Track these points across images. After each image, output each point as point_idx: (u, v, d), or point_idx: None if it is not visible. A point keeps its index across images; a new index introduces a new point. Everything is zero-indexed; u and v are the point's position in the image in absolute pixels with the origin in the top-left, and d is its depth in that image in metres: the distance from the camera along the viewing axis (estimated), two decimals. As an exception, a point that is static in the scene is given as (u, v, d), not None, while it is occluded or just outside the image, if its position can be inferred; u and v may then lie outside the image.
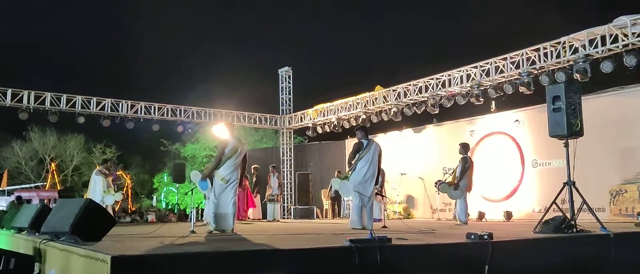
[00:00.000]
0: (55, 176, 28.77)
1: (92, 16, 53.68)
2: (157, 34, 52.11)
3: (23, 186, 28.10)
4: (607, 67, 11.08)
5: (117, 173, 14.39)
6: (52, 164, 29.76)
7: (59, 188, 25.28)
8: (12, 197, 19.40)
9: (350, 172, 8.65)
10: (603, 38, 11.18)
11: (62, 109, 15.87)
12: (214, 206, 7.66)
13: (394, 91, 15.85)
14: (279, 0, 54.34)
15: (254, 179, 15.72)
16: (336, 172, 15.50)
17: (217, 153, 8.02)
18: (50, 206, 7.75)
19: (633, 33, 10.66)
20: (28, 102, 15.46)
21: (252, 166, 15.34)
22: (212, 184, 7.69)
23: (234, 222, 7.71)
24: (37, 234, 6.25)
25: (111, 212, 12.94)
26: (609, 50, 11.18)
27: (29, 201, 18.81)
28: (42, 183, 29.43)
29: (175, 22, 54.90)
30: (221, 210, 7.62)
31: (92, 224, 5.16)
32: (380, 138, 16.61)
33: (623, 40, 10.84)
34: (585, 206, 6.73)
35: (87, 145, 35.81)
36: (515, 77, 12.88)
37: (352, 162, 8.63)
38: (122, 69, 49.03)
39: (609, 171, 11.71)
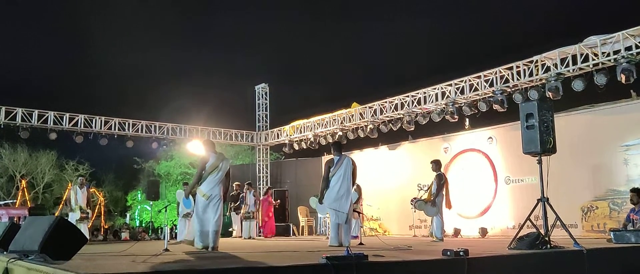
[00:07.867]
0: (26, 193, 28.05)
1: (61, 32, 53.03)
2: (130, 49, 51.68)
3: (-8, 203, 27.38)
4: (578, 85, 11.30)
5: (90, 190, 14.11)
6: (23, 181, 29.01)
7: (29, 205, 24.65)
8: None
9: (325, 191, 8.63)
10: (574, 57, 11.42)
11: (34, 125, 15.58)
12: (199, 223, 7.58)
13: (370, 107, 15.93)
14: (255, 17, 54.48)
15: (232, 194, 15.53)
16: None
17: (197, 170, 7.93)
18: (20, 224, 7.56)
19: (603, 52, 10.91)
20: (-2, 118, 15.15)
21: (234, 184, 15.22)
22: (195, 201, 7.56)
23: (218, 239, 7.62)
24: (5, 253, 6.08)
25: (85, 229, 12.68)
26: (580, 69, 11.41)
27: (-3, 219, 18.30)
28: (12, 201, 28.72)
29: (148, 37, 54.53)
30: (204, 227, 7.54)
31: (62, 243, 5.03)
32: (356, 155, 16.63)
33: (593, 60, 11.09)
34: (558, 222, 6.81)
35: (59, 162, 35.10)
36: (489, 95, 13.05)
37: (327, 180, 8.61)
38: (94, 86, 48.48)
39: (581, 187, 11.90)
